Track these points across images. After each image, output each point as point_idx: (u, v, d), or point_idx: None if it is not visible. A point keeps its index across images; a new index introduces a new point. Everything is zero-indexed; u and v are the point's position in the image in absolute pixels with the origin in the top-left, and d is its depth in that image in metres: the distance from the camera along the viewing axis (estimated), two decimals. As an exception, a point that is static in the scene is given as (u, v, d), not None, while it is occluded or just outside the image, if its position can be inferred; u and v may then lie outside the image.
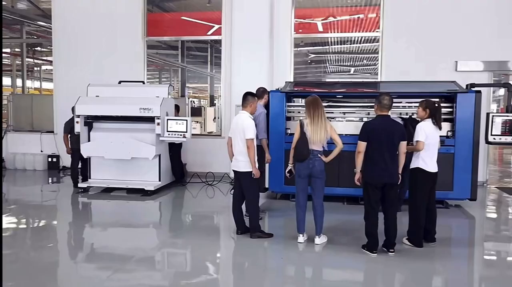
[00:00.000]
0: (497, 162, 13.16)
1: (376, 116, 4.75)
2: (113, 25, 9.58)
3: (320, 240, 4.98)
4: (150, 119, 7.43)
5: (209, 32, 9.49)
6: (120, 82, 8.15)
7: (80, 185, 7.69)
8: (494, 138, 6.33)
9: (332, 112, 7.01)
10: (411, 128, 5.22)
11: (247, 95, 5.19)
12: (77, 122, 7.52)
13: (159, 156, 7.65)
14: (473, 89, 6.52)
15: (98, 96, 7.73)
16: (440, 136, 5.05)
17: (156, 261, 4.68)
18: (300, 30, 9.18)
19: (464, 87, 6.69)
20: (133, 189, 7.58)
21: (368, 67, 9.75)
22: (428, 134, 4.76)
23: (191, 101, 11.96)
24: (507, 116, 6.33)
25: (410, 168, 4.92)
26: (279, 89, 7.01)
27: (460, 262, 4.83)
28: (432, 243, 4.98)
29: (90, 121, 7.77)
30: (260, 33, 8.70)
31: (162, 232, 5.87)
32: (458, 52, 8.44)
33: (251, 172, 5.02)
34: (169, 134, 7.42)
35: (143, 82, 8.90)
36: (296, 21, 9.06)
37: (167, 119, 7.42)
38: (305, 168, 4.86)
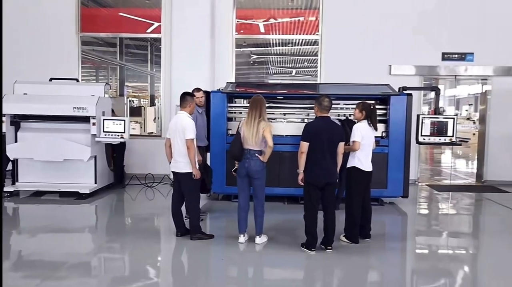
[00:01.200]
0: (428, 161, 13.97)
1: (317, 118, 4.85)
2: (44, 19, 9.04)
3: (260, 239, 5.00)
4: (85, 119, 7.09)
5: (149, 30, 9.25)
6: (51, 79, 7.69)
7: (6, 188, 7.17)
8: (424, 139, 6.72)
9: (273, 113, 7.09)
10: (348, 129, 5.39)
11: (185, 95, 5.11)
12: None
13: (95, 157, 7.32)
14: (405, 92, 6.87)
15: (26, 94, 7.25)
16: (375, 137, 5.26)
17: (92, 267, 4.47)
18: (242, 31, 9.20)
19: (397, 90, 7.04)
20: (67, 192, 7.19)
21: (309, 69, 9.96)
22: (363, 135, 4.95)
23: (130, 100, 11.57)
24: (435, 118, 6.73)
25: (347, 167, 5.09)
26: (221, 89, 6.98)
27: (394, 256, 5.07)
28: (368, 239, 5.18)
29: (17, 120, 7.27)
30: (201, 32, 8.59)
31: (98, 236, 5.61)
32: (392, 56, 8.87)
33: (191, 172, 4.94)
34: (105, 135, 7.13)
35: (77, 80, 8.47)
36: (237, 21, 9.07)
37: (104, 119, 7.11)
38: (242, 168, 4.88)
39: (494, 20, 8.79)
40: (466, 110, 21.70)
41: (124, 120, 7.17)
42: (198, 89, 6.19)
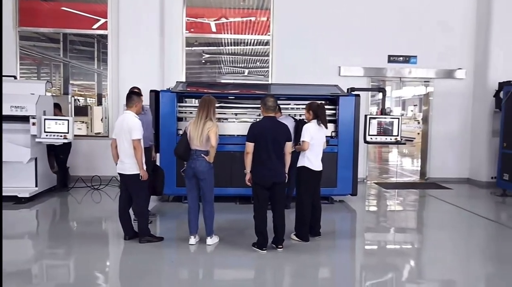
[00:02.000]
0: (376, 159, 14.45)
1: (263, 118, 4.87)
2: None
3: (211, 240, 4.95)
4: (24, 119, 6.69)
5: (95, 26, 8.90)
6: (-16, 76, 7.19)
7: None
8: (371, 138, 6.91)
9: (225, 113, 7.04)
10: (302, 129, 5.44)
11: (131, 95, 4.96)
12: None
13: (36, 159, 6.93)
14: (353, 93, 7.04)
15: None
16: (326, 136, 5.34)
17: (33, 275, 4.22)
18: (192, 30, 9.07)
19: (346, 91, 7.20)
20: (5, 197, 6.74)
21: (261, 69, 10.00)
22: (313, 135, 5.02)
23: (76, 99, 11.08)
24: (382, 118, 6.95)
25: (297, 166, 5.14)
26: (170, 89, 6.83)
27: (343, 253, 5.18)
28: (318, 237, 5.25)
29: None
30: (149, 30, 8.33)
31: (39, 242, 5.30)
32: (341, 57, 9.07)
33: (138, 174, 4.79)
34: (47, 135, 6.77)
35: (15, 77, 7.97)
36: (188, 20, 8.93)
37: (45, 119, 6.75)
38: (189, 168, 4.82)
39: (435, 26, 9.22)
40: (411, 110, 22.75)
41: (68, 120, 6.84)
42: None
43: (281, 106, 6.92)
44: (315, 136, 5.04)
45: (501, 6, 8.74)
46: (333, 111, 7.00)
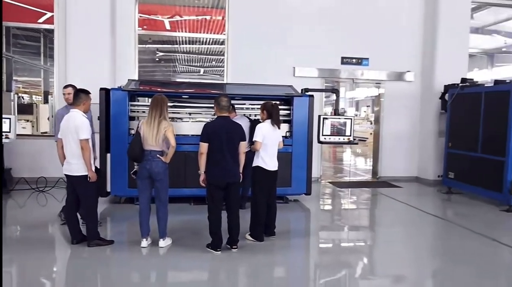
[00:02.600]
0: (331, 159, 14.73)
1: (217, 118, 4.82)
2: None
3: (164, 242, 4.84)
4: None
5: (40, 20, 8.45)
6: None
7: None
8: (325, 138, 7.02)
9: (179, 113, 6.91)
10: None
11: (78, 93, 4.75)
12: None
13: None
14: (307, 93, 7.12)
15: None
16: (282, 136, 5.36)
17: (-34, 285, 3.91)
18: (145, 27, 8.84)
19: (300, 91, 7.27)
20: None
21: (217, 68, 9.92)
22: (265, 134, 5.02)
23: (20, 97, 10.49)
24: (335, 118, 7.07)
25: (252, 166, 5.13)
26: (121, 87, 6.61)
27: (298, 252, 5.22)
28: (272, 237, 5.25)
29: None
30: (99, 25, 8.00)
31: (-25, 250, 4.95)
32: (296, 58, 9.15)
33: (86, 175, 4.58)
34: (-14, 134, 6.34)
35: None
36: (140, 16, 8.69)
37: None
38: (143, 169, 4.68)
39: (386, 29, 9.50)
40: (364, 111, 23.45)
41: (10, 118, 6.45)
42: (66, 86, 5.73)
43: (236, 106, 6.90)
44: (268, 136, 5.04)
45: (446, 13, 9.15)
46: (288, 112, 7.04)
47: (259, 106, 6.43)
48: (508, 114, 6.89)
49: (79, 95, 4.71)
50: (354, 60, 9.46)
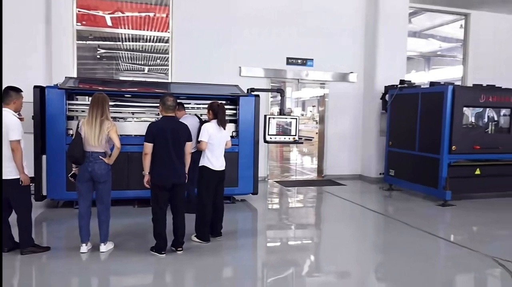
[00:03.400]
0: (278, 158, 14.88)
1: (162, 117, 4.71)
2: None
3: (105, 247, 4.65)
4: None
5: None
6: None
7: None
8: (271, 138, 7.05)
9: (121, 112, 6.68)
10: None
11: (8, 91, 4.43)
12: None
13: None
14: (253, 93, 7.13)
15: None
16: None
17: None
18: (84, 22, 8.45)
19: (246, 91, 7.26)
20: None
21: (162, 67, 9.68)
22: (211, 134, 4.97)
23: None
24: (281, 118, 7.12)
25: (198, 166, 5.07)
26: (58, 85, 6.28)
27: (245, 252, 5.19)
28: (219, 237, 5.21)
29: None
30: (33, 19, 7.46)
31: None
32: (242, 58, 9.14)
33: (18, 178, 4.29)
34: None
35: None
36: (79, 11, 8.29)
37: None
38: (85, 171, 4.46)
39: (330, 32, 9.72)
40: (310, 111, 23.90)
41: None
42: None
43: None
44: (214, 136, 5.00)
45: (386, 17, 9.51)
46: (234, 112, 7.01)
47: (205, 106, 6.39)
48: (442, 114, 7.28)
49: (9, 94, 4.39)
50: (299, 61, 9.61)
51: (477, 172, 7.62)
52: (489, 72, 10.51)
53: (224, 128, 5.13)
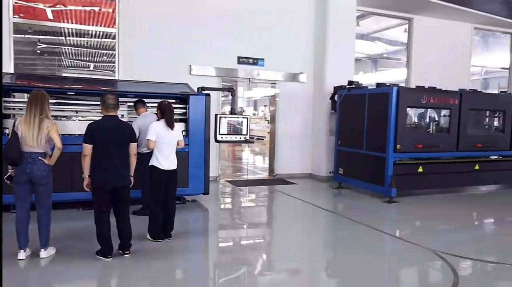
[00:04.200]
0: (230, 158, 14.83)
1: (103, 117, 4.51)
2: None
3: (46, 253, 4.40)
4: None
5: None
6: None
7: None
8: (222, 137, 6.99)
9: (63, 111, 6.36)
10: None
11: None
12: None
13: None
14: (203, 92, 7.03)
15: None
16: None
17: None
18: (22, 14, 7.95)
19: (196, 90, 7.16)
20: None
21: (109, 64, 9.32)
22: (158, 133, 4.90)
23: None
24: (232, 117, 7.08)
25: (148, 165, 4.99)
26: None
27: (197, 253, 5.12)
28: (169, 239, 5.10)
29: None
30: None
31: None
32: (193, 56, 9.01)
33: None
34: None
35: None
36: (16, 2, 7.79)
37: None
38: (22, 173, 4.19)
39: (281, 32, 9.79)
40: (262, 111, 24.05)
41: None
42: None
43: (128, 104, 6.58)
44: (162, 135, 4.92)
45: (334, 19, 9.70)
46: (184, 111, 6.88)
47: (154, 104, 6.24)
48: (388, 115, 7.54)
49: None
50: (250, 60, 9.60)
51: (420, 169, 7.97)
52: (430, 75, 11.05)
53: (172, 128, 5.03)
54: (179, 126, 5.37)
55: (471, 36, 12.38)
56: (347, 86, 8.78)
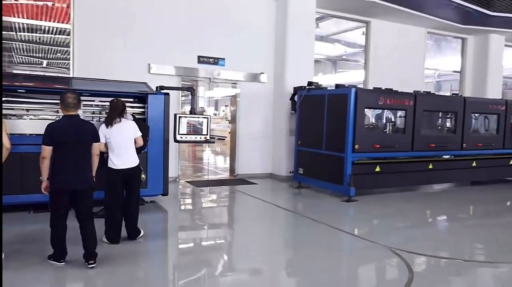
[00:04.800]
0: (190, 158, 14.66)
1: (62, 117, 4.30)
2: None
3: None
4: None
5: None
6: None
7: None
8: (181, 137, 6.89)
9: (13, 109, 6.05)
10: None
11: None
12: None
13: None
14: (162, 91, 6.90)
15: None
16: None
17: None
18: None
19: (155, 89, 7.03)
20: None
21: (63, 61, 8.97)
22: (106, 133, 4.87)
23: None
24: (191, 117, 6.99)
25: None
26: None
27: (156, 255, 5.03)
28: (133, 241, 5.06)
29: None
30: None
31: None
32: (152, 55, 8.83)
33: None
34: None
35: None
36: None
37: None
38: None
39: (242, 32, 9.78)
40: (223, 110, 23.96)
41: None
42: None
43: (84, 103, 6.32)
44: (110, 134, 4.86)
45: (294, 20, 9.78)
46: (142, 110, 6.73)
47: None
48: (347, 115, 7.69)
49: None
50: (211, 60, 9.53)
51: (377, 169, 8.18)
52: (387, 77, 11.38)
53: (107, 126, 4.91)
54: (129, 124, 5.20)
55: (425, 40, 12.87)
56: (307, 87, 8.89)
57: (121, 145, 4.89)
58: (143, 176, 5.34)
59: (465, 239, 5.97)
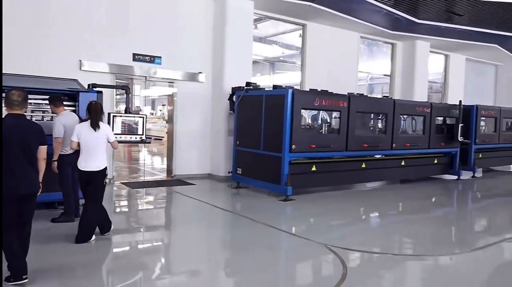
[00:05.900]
0: (126, 159, 14.17)
1: (6, 115, 3.88)
2: None
3: None
4: None
5: None
6: None
7: None
8: (116, 137, 6.60)
9: None
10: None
11: None
12: None
13: None
14: (94, 89, 6.61)
15: None
16: None
17: None
18: None
19: (87, 86, 6.72)
20: None
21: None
22: (80, 134, 4.99)
23: None
24: (126, 117, 6.75)
25: None
26: None
27: (91, 260, 4.71)
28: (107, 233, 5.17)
29: None
30: None
31: None
32: (83, 51, 8.43)
33: None
34: None
35: None
36: None
37: None
38: None
39: (180, 31, 9.62)
40: (160, 110, 23.45)
41: None
42: None
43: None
44: (84, 136, 4.96)
45: (232, 21, 9.79)
46: (73, 108, 6.40)
47: (38, 102, 5.75)
48: (284, 116, 7.82)
49: None
50: (147, 58, 9.27)
51: (314, 168, 8.41)
52: (322, 78, 11.72)
53: (95, 129, 4.98)
54: (106, 127, 5.20)
55: (358, 44, 13.43)
56: (245, 87, 8.92)
57: (90, 148, 4.98)
58: (106, 180, 5.17)
59: (395, 234, 6.30)
